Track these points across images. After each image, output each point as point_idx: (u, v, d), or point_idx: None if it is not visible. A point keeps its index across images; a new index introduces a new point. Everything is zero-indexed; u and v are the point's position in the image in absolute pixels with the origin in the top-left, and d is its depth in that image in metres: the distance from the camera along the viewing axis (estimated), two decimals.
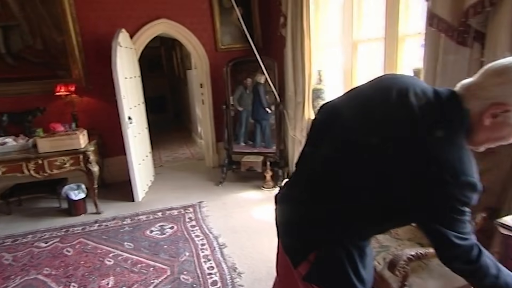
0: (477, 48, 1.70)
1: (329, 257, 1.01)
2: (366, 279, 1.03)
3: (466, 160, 0.87)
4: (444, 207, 0.88)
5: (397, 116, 0.95)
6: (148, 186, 4.05)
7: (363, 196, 0.97)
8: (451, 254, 0.93)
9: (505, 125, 0.90)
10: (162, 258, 2.55)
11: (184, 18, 4.15)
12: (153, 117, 9.11)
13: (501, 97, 0.88)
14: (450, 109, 0.92)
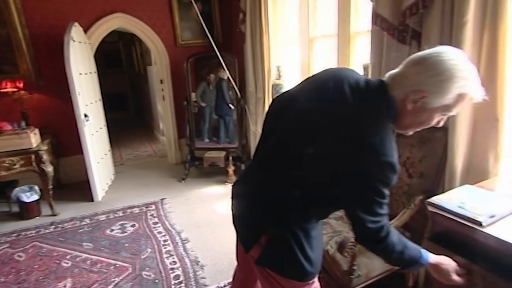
0: (415, 45, 1.86)
1: (277, 238, 1.07)
2: (314, 259, 1.09)
3: (388, 143, 0.95)
4: (365, 187, 0.96)
5: (333, 103, 1.03)
6: (108, 185, 3.94)
7: (303, 181, 1.05)
8: (363, 235, 1.03)
9: (423, 110, 0.98)
10: (123, 256, 2.52)
11: (142, 12, 4.06)
12: (113, 115, 8.80)
13: (419, 85, 0.96)
14: (377, 96, 1.01)
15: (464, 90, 0.93)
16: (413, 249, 1.07)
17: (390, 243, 1.01)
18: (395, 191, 1.94)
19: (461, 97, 0.95)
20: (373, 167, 0.93)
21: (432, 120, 1.01)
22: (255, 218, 1.15)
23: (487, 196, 1.32)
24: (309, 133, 1.04)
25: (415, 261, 1.06)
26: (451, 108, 0.97)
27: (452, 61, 0.93)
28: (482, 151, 1.64)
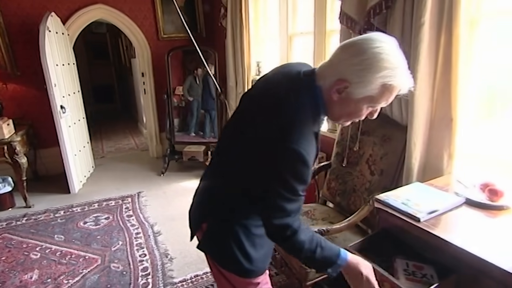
0: None
1: (215, 230, 1.09)
2: (255, 257, 1.08)
3: (301, 133, 0.91)
4: (273, 175, 0.92)
5: (269, 92, 1.03)
6: (86, 177, 3.92)
7: (240, 176, 1.04)
8: (269, 230, 0.99)
9: (350, 100, 0.91)
10: (93, 248, 2.53)
11: (123, 4, 4.01)
12: (99, 107, 8.77)
13: (343, 74, 0.89)
14: (304, 86, 0.96)
15: (389, 81, 0.86)
16: (330, 249, 0.99)
17: (297, 242, 0.96)
18: (358, 188, 1.99)
19: (386, 89, 0.87)
20: (281, 153, 0.90)
21: (361, 112, 0.94)
22: (200, 208, 1.16)
23: (433, 193, 1.36)
24: (246, 122, 1.05)
25: (332, 262, 0.98)
26: (377, 99, 0.90)
27: (376, 49, 0.85)
28: (437, 150, 1.69)
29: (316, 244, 0.97)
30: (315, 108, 0.96)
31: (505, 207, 1.23)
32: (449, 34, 1.54)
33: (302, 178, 0.92)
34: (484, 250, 0.98)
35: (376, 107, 0.95)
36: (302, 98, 0.96)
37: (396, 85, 0.88)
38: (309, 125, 0.94)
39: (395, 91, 0.90)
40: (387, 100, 0.92)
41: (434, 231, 1.11)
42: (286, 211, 0.93)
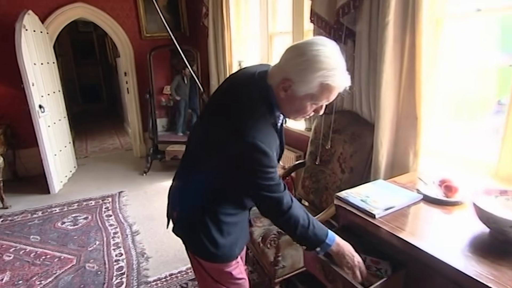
0: (350, 44, 1.91)
1: (184, 216, 1.20)
2: (221, 243, 1.16)
3: (259, 129, 0.98)
4: (244, 169, 1.01)
5: (227, 93, 1.13)
6: (68, 177, 3.89)
7: (208, 175, 1.11)
8: (265, 209, 1.10)
9: (295, 98, 0.99)
10: (69, 248, 2.51)
11: (105, 3, 3.99)
12: (87, 107, 8.70)
13: (287, 73, 0.97)
14: (256, 85, 1.04)
15: (325, 80, 0.94)
16: (320, 229, 1.10)
17: (293, 215, 1.06)
18: (330, 186, 2.01)
19: (324, 88, 0.95)
20: (241, 149, 0.97)
21: (305, 108, 1.01)
22: (173, 199, 1.27)
23: (394, 190, 1.38)
24: (207, 123, 1.13)
25: (321, 240, 1.09)
26: (318, 97, 0.98)
27: (315, 52, 0.93)
28: (403, 148, 1.72)
29: (309, 221, 1.08)
30: (268, 105, 1.03)
31: (460, 202, 1.26)
32: (413, 34, 1.57)
33: (267, 164, 0.99)
34: (434, 246, 1.00)
35: (319, 104, 1.03)
36: (254, 96, 1.03)
37: (334, 85, 0.96)
38: (264, 118, 1.02)
39: (334, 90, 0.98)
40: (328, 98, 1.00)
41: (386, 227, 1.13)
42: (272, 187, 1.03)
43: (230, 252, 1.21)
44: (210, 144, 1.08)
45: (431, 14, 1.64)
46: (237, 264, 1.27)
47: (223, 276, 1.24)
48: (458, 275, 0.89)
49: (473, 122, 1.81)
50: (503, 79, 1.59)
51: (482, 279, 0.84)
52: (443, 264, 0.94)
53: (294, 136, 2.68)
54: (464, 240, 1.04)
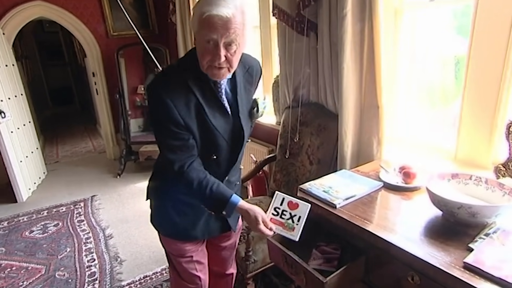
0: (313, 37, 1.92)
1: (148, 194, 1.32)
2: (180, 224, 1.25)
3: (162, 83, 1.07)
4: (153, 122, 1.12)
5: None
6: (37, 184, 3.74)
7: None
8: (161, 160, 1.20)
9: (197, 41, 1.05)
10: (38, 258, 2.42)
11: (66, 1, 3.82)
12: (58, 110, 8.38)
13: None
14: (190, 51, 1.12)
15: (199, 10, 0.97)
16: (221, 193, 1.11)
17: (187, 178, 1.09)
18: (300, 178, 2.02)
19: (198, 17, 0.97)
20: (149, 106, 1.09)
21: (203, 47, 1.01)
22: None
23: (356, 179, 1.41)
24: None
25: (222, 204, 1.11)
26: (201, 29, 0.98)
27: None
28: (367, 137, 1.75)
29: (206, 186, 1.10)
30: (194, 65, 1.06)
31: (418, 188, 1.30)
32: (371, 25, 1.59)
33: (170, 117, 1.03)
34: (390, 232, 1.03)
35: (211, 42, 0.98)
36: (182, 58, 1.14)
37: (203, 11, 0.96)
38: (175, 75, 1.09)
39: (206, 17, 0.95)
40: (211, 30, 0.96)
41: (346, 216, 1.15)
42: (167, 148, 1.10)
43: (187, 232, 1.28)
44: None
45: (389, 5, 1.67)
46: (195, 246, 1.33)
47: (176, 257, 1.33)
48: (411, 258, 0.92)
49: (434, 109, 1.87)
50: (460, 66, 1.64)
51: (430, 260, 0.87)
52: (397, 249, 0.96)
53: (266, 130, 2.68)
54: (420, 224, 1.07)
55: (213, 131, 1.11)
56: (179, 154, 1.08)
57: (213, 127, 1.11)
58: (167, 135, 1.06)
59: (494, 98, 1.33)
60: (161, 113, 1.04)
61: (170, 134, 1.05)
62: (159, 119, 1.06)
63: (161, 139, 1.10)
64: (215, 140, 1.14)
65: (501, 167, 1.22)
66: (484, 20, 1.29)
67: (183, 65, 1.11)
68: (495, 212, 0.93)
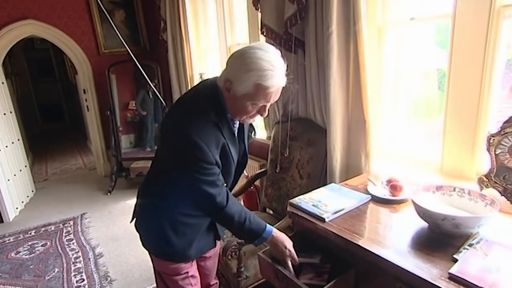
0: (301, 54, 1.97)
1: (142, 213, 1.30)
2: (175, 242, 1.23)
3: (195, 124, 1.06)
4: (183, 162, 1.09)
5: (180, 98, 1.23)
6: (25, 203, 3.67)
7: (163, 165, 1.22)
8: (200, 200, 1.15)
9: (235, 97, 1.07)
10: (24, 280, 2.36)
11: (58, 19, 3.86)
12: (48, 127, 8.30)
13: (228, 74, 1.07)
14: (206, 87, 1.15)
15: (258, 80, 1.01)
16: (257, 224, 1.18)
17: (228, 213, 1.14)
18: (291, 192, 2.04)
19: (258, 87, 1.02)
20: (178, 143, 1.07)
21: (247, 108, 1.08)
22: (139, 190, 1.35)
23: (344, 192, 1.43)
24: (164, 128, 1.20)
25: (258, 234, 1.18)
26: (255, 97, 1.04)
27: (250, 54, 1.03)
28: (355, 150, 1.79)
29: (245, 218, 1.16)
30: (216, 104, 1.11)
31: (405, 200, 1.32)
32: (356, 43, 1.65)
33: (202, 158, 1.05)
34: (378, 245, 1.05)
35: (259, 105, 1.09)
36: (201, 96, 1.14)
37: (266, 85, 1.02)
38: (206, 115, 1.09)
39: (268, 90, 1.03)
40: (266, 99, 1.06)
41: (335, 229, 1.16)
42: (204, 185, 1.09)
43: (184, 252, 1.26)
44: (161, 143, 1.22)
45: (372, 24, 1.74)
46: (191, 266, 1.33)
47: (171, 276, 1.30)
48: (398, 270, 0.93)
49: (420, 122, 1.92)
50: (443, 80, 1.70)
51: (416, 272, 0.88)
52: (385, 261, 0.98)
53: (257, 145, 2.70)
54: (407, 236, 1.09)
55: (231, 162, 1.19)
56: (216, 188, 1.11)
57: (231, 159, 1.18)
58: (202, 172, 1.08)
59: (475, 111, 1.38)
60: (195, 155, 1.05)
61: (204, 170, 1.08)
62: (193, 160, 1.06)
63: (195, 175, 1.08)
64: (229, 169, 1.22)
65: (484, 178, 1.25)
66: (461, 36, 1.35)
67: (207, 105, 1.11)
68: (478, 223, 0.96)
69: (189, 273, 1.32)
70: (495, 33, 1.27)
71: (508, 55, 1.36)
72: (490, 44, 1.28)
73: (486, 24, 1.27)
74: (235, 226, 1.17)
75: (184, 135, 1.05)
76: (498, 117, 1.36)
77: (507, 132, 1.14)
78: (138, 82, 4.30)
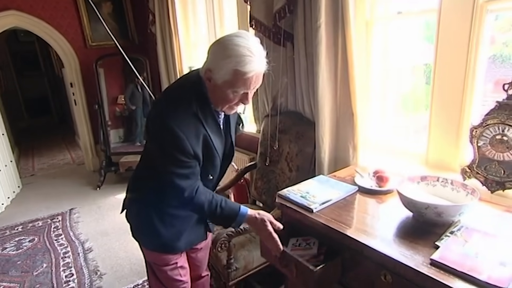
0: (290, 47, 1.98)
1: (132, 206, 1.31)
2: (163, 233, 1.24)
3: (176, 112, 1.06)
4: (160, 149, 1.09)
5: (165, 90, 1.26)
6: (11, 199, 3.61)
7: (148, 161, 1.25)
8: (169, 189, 1.14)
9: (216, 86, 1.06)
10: (11, 276, 2.33)
11: (42, 11, 3.77)
12: (35, 121, 8.14)
13: (209, 64, 1.07)
14: (189, 79, 1.16)
15: (235, 66, 1.00)
16: (230, 209, 1.17)
17: (197, 203, 1.13)
18: (280, 185, 2.05)
19: (236, 73, 1.01)
20: (158, 129, 1.08)
21: (228, 97, 1.07)
22: (129, 183, 1.36)
23: (332, 184, 1.45)
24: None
25: (232, 218, 1.17)
26: (234, 84, 1.03)
27: (227, 42, 1.02)
28: (343, 143, 1.81)
29: (216, 205, 1.15)
30: (200, 95, 1.11)
31: (391, 191, 1.35)
32: (344, 36, 1.66)
33: (181, 150, 1.05)
34: (363, 234, 1.07)
35: (240, 92, 1.07)
36: (185, 88, 1.14)
37: (244, 70, 1.01)
38: (188, 108, 1.08)
39: (246, 76, 1.02)
40: (246, 85, 1.05)
41: (322, 219, 1.18)
42: (176, 176, 1.08)
43: (173, 244, 1.28)
44: (147, 135, 1.23)
45: (360, 17, 1.75)
46: (180, 257, 1.34)
47: (160, 266, 1.31)
48: (383, 258, 0.96)
49: (407, 115, 1.95)
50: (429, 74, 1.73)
51: (400, 259, 0.91)
52: (371, 249, 1.00)
53: (247, 139, 2.71)
54: (392, 225, 1.12)
55: (215, 154, 1.18)
56: (187, 181, 1.10)
57: (215, 151, 1.17)
58: (176, 164, 1.07)
59: (459, 104, 1.41)
60: (173, 144, 1.05)
61: (180, 163, 1.07)
62: (170, 150, 1.06)
63: (169, 168, 1.08)
64: (214, 162, 1.21)
65: (467, 169, 1.29)
66: (446, 30, 1.38)
67: (189, 96, 1.11)
68: (459, 211, 0.99)
69: (178, 263, 1.34)
70: (479, 28, 1.30)
71: (493, 50, 1.39)
72: (473, 38, 1.31)
73: (470, 19, 1.30)
74: (207, 214, 1.18)
75: (163, 125, 1.05)
76: (483, 110, 1.39)
77: (488, 124, 1.18)
78: (126, 76, 4.26)
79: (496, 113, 1.16)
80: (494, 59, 1.42)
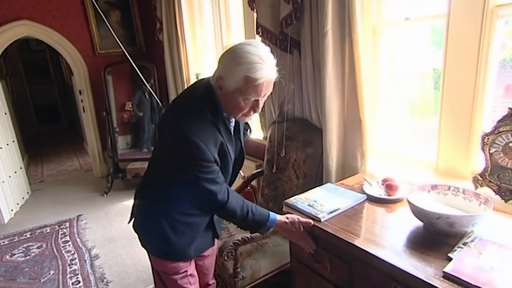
0: (296, 54, 1.97)
1: (141, 213, 1.29)
2: (174, 241, 1.22)
3: (193, 123, 1.06)
4: (181, 161, 1.09)
5: (176, 98, 1.26)
6: (20, 205, 3.65)
7: (160, 166, 1.23)
8: (201, 198, 1.16)
9: (227, 94, 1.07)
10: (19, 282, 2.34)
11: (53, 20, 3.84)
12: (44, 128, 8.25)
13: (219, 71, 1.08)
14: (200, 88, 1.16)
15: (246, 73, 1.01)
16: (260, 214, 1.20)
17: (229, 209, 1.16)
18: (287, 192, 2.03)
19: (247, 80, 1.02)
20: (176, 142, 1.07)
21: (239, 104, 1.08)
22: (136, 190, 1.34)
23: (340, 192, 1.43)
24: (161, 129, 1.21)
25: (262, 223, 1.20)
26: (246, 91, 1.04)
27: (238, 50, 1.04)
28: (351, 150, 1.79)
29: (247, 211, 1.18)
30: (211, 103, 1.11)
31: (400, 199, 1.33)
32: (351, 42, 1.65)
33: (203, 158, 1.06)
34: (372, 244, 1.05)
35: (251, 99, 1.08)
36: (196, 96, 1.14)
37: (254, 77, 1.02)
38: (202, 114, 1.09)
39: (257, 82, 1.03)
40: (257, 92, 1.05)
41: (330, 229, 1.16)
42: (205, 183, 1.09)
43: (183, 251, 1.26)
44: (158, 143, 1.22)
45: (367, 23, 1.74)
46: (189, 265, 1.32)
47: (170, 275, 1.29)
48: (393, 269, 0.93)
49: (416, 122, 1.93)
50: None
51: (411, 271, 0.88)
52: (380, 261, 0.98)
53: (254, 145, 2.70)
54: (402, 235, 1.09)
55: (229, 160, 1.19)
56: (216, 186, 1.12)
57: (229, 157, 1.19)
58: (201, 171, 1.08)
59: (469, 111, 1.39)
60: (194, 154, 1.05)
61: (204, 168, 1.08)
62: (192, 160, 1.07)
63: (196, 174, 1.09)
64: (228, 167, 1.22)
65: (479, 177, 1.25)
66: (455, 36, 1.36)
67: (202, 104, 1.11)
68: (472, 221, 0.96)
69: (188, 272, 1.32)
70: (489, 33, 1.28)
71: (502, 55, 1.37)
72: (484, 43, 1.29)
73: (480, 24, 1.28)
74: (238, 220, 1.20)
75: (182, 135, 1.05)
76: (494, 116, 1.36)
77: (501, 131, 1.15)
78: (134, 82, 4.30)
79: (509, 119, 1.13)
80: (504, 63, 1.39)
